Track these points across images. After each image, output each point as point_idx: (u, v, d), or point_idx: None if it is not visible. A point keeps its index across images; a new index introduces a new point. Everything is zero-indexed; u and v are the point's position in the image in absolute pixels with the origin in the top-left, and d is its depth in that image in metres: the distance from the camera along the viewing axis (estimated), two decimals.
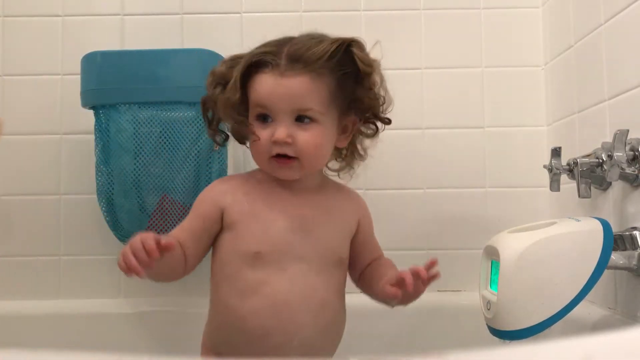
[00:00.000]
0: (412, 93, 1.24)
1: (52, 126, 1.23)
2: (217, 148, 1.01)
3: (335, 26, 1.25)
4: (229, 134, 0.88)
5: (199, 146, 1.09)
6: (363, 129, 0.88)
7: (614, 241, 0.78)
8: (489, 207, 1.22)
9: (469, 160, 1.23)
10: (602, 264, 0.75)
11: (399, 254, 1.22)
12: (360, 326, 1.11)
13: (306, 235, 0.82)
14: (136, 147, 1.08)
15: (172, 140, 1.09)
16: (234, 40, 1.24)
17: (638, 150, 0.82)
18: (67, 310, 1.17)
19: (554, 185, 0.94)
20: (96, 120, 1.11)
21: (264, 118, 0.81)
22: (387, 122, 0.88)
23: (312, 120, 0.80)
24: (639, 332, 0.34)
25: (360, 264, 0.90)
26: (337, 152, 0.89)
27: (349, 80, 0.82)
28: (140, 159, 1.09)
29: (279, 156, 0.80)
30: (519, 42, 1.24)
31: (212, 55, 1.12)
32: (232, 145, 0.99)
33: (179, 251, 0.79)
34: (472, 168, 1.22)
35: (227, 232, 0.82)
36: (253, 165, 0.90)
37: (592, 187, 0.93)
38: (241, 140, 0.88)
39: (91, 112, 1.13)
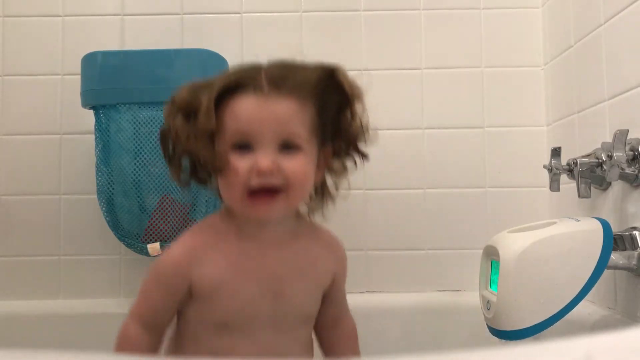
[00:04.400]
0: (412, 93, 1.24)
1: (52, 126, 1.23)
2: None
3: (335, 26, 1.26)
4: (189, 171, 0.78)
5: None
6: (333, 165, 0.81)
7: (614, 241, 0.78)
8: (489, 207, 1.22)
9: (469, 160, 1.23)
10: (602, 264, 0.75)
11: (399, 254, 1.22)
12: (359, 326, 1.11)
13: (276, 297, 0.76)
14: (136, 147, 1.08)
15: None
16: (234, 40, 1.24)
17: (638, 150, 0.82)
18: (67, 310, 1.17)
19: (554, 185, 0.94)
20: (96, 120, 1.11)
21: (241, 147, 0.71)
22: (366, 157, 0.81)
23: (298, 148, 0.71)
24: (639, 332, 0.34)
25: (324, 317, 0.84)
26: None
27: (329, 110, 0.75)
28: (140, 159, 1.09)
29: (259, 194, 0.71)
30: (519, 42, 1.24)
31: (212, 55, 1.12)
32: None
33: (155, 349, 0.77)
34: (472, 168, 1.22)
35: (195, 300, 0.76)
36: None
37: (592, 187, 0.93)
38: (204, 178, 0.78)
39: (91, 112, 1.13)
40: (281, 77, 0.72)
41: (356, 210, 1.22)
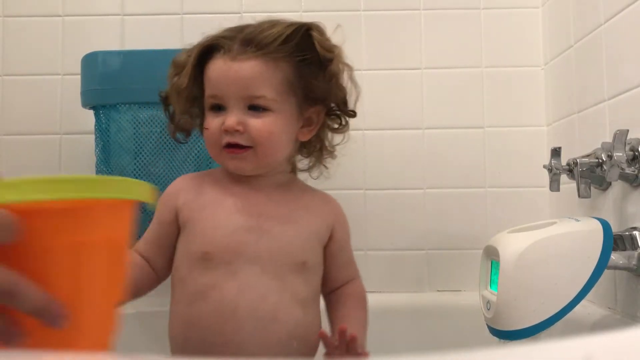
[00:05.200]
0: (412, 93, 1.24)
1: (52, 126, 1.23)
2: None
3: (336, 26, 1.26)
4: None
5: (199, 146, 1.09)
6: (329, 122, 0.83)
7: (614, 241, 0.78)
8: (489, 207, 1.22)
9: (469, 160, 1.23)
10: (602, 264, 0.75)
11: (399, 254, 1.22)
12: None
13: (263, 234, 0.75)
14: (136, 147, 1.08)
15: (172, 140, 1.09)
16: None
17: (638, 150, 0.82)
18: None
19: (554, 185, 0.94)
20: (96, 120, 1.11)
21: (217, 108, 0.76)
22: (352, 114, 0.82)
23: (265, 109, 0.74)
24: (639, 332, 0.34)
25: (330, 282, 0.82)
26: (304, 148, 0.84)
27: (309, 68, 0.76)
28: (140, 159, 1.09)
29: (231, 146, 0.75)
30: (519, 42, 1.24)
31: None
32: None
33: (142, 271, 0.77)
34: (472, 168, 1.22)
35: (182, 233, 0.77)
36: None
37: (592, 187, 0.93)
38: (182, 129, 0.83)
39: (91, 112, 1.13)
40: (249, 38, 0.75)
41: (356, 210, 1.22)
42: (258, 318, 0.72)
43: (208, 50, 0.77)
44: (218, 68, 0.75)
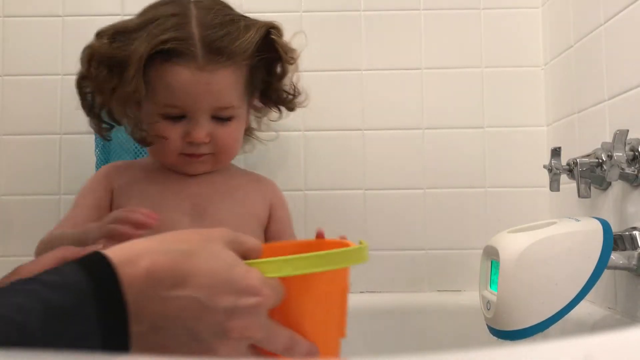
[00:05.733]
0: (412, 93, 1.24)
1: (52, 126, 1.23)
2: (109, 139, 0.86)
3: (335, 26, 1.26)
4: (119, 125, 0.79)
5: None
6: (260, 110, 0.84)
7: (614, 241, 0.78)
8: (489, 207, 1.22)
9: (469, 160, 1.23)
10: (602, 264, 0.75)
11: (399, 254, 1.22)
12: (359, 326, 1.11)
13: (198, 216, 0.74)
14: (136, 147, 1.08)
15: None
16: None
17: (638, 150, 0.82)
18: None
19: (554, 185, 0.94)
20: None
21: (174, 116, 0.72)
22: (291, 109, 0.83)
23: (231, 117, 0.73)
24: (639, 332, 0.34)
25: None
26: None
27: (263, 66, 0.76)
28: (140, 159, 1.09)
29: (189, 155, 0.73)
30: (519, 42, 1.24)
31: None
32: None
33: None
34: (472, 168, 1.22)
35: None
36: (255, 165, 0.90)
37: (592, 187, 0.93)
38: (141, 140, 0.78)
39: None
40: (220, 46, 0.70)
41: (356, 210, 1.22)
42: None
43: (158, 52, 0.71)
44: (184, 79, 0.70)
